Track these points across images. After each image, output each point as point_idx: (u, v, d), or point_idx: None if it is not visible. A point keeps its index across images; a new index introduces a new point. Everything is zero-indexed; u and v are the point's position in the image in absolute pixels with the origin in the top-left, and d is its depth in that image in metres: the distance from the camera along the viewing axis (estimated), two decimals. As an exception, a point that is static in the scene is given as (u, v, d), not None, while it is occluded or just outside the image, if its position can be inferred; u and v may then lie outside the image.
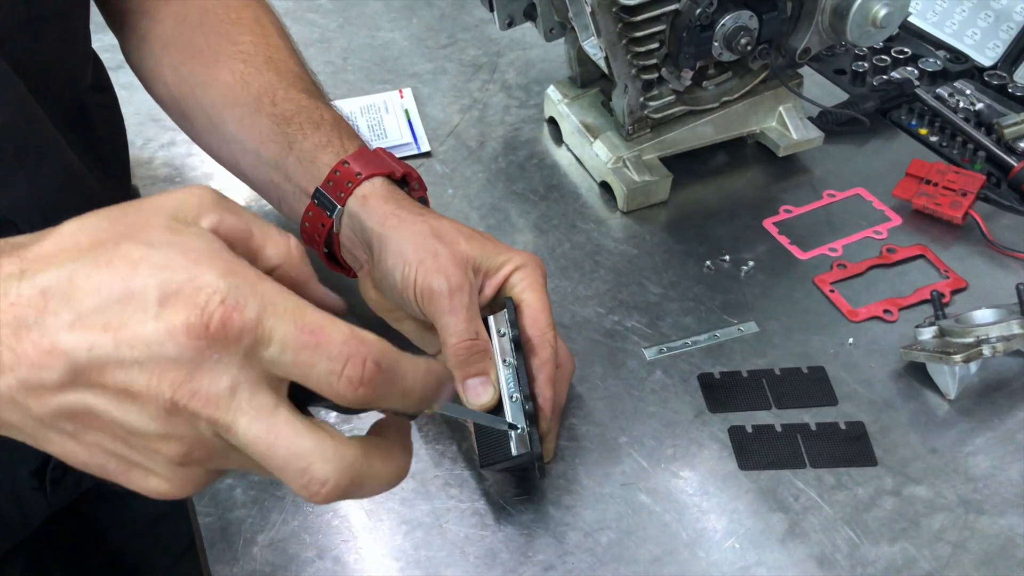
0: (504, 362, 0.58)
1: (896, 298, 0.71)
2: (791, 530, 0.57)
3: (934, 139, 0.86)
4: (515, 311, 0.58)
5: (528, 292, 0.58)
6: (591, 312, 0.71)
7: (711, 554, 0.56)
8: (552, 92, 0.88)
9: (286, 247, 0.40)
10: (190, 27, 0.70)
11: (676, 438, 0.63)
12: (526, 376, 0.56)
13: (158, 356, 0.34)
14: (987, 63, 0.93)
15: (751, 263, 0.75)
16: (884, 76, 0.92)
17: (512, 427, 0.55)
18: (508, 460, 0.56)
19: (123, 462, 0.37)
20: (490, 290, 0.59)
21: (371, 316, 0.65)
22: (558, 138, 0.88)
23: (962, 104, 0.87)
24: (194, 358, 0.34)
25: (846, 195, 0.81)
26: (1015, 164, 0.80)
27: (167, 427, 0.35)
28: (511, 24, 0.84)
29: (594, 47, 0.75)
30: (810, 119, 0.84)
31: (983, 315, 0.65)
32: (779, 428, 0.63)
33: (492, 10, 0.82)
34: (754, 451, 0.62)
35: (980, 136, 0.83)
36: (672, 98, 0.79)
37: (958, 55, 0.94)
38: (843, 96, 0.90)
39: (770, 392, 0.65)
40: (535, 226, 0.80)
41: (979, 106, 0.87)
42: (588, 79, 0.86)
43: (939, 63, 0.92)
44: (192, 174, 0.86)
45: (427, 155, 0.87)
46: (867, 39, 0.75)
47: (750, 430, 0.63)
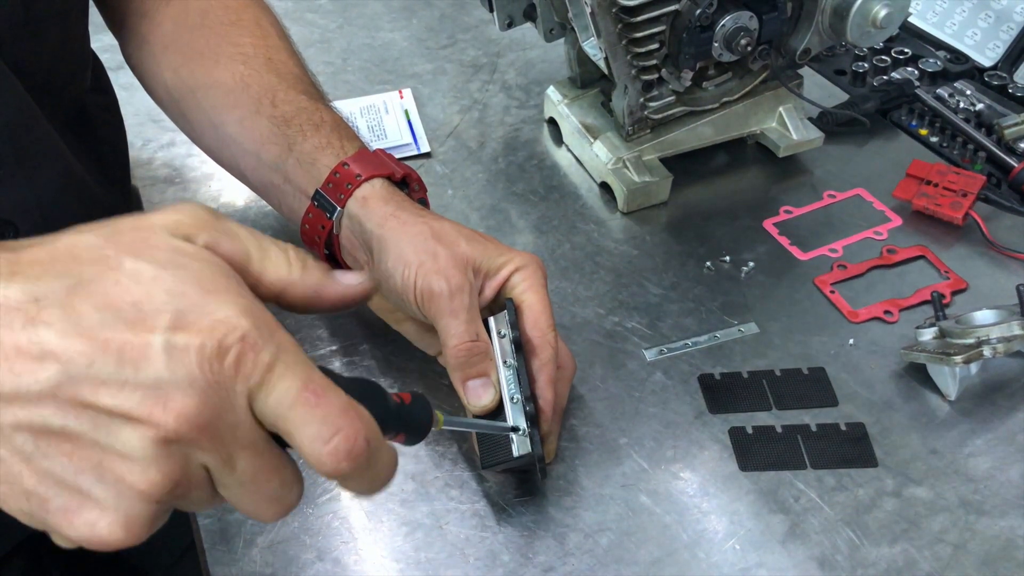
0: (505, 363, 0.57)
1: (896, 299, 0.71)
2: (792, 531, 0.57)
3: (934, 140, 0.86)
4: (515, 312, 0.58)
5: (528, 293, 0.58)
6: (591, 313, 0.71)
7: (711, 555, 0.56)
8: (552, 93, 0.88)
9: (286, 266, 0.39)
10: (190, 29, 0.70)
11: (676, 439, 0.63)
12: (527, 377, 0.56)
13: (165, 381, 0.32)
14: (987, 63, 0.93)
15: (751, 264, 0.75)
16: (884, 76, 0.92)
17: (513, 430, 0.55)
18: (509, 461, 0.56)
19: (76, 497, 0.33)
20: (490, 291, 0.59)
21: (372, 317, 0.65)
22: (558, 139, 0.88)
23: (962, 105, 0.87)
24: (204, 388, 0.33)
25: (846, 196, 0.81)
26: (1015, 165, 0.80)
27: (158, 454, 0.33)
28: (511, 25, 0.84)
29: (594, 48, 0.75)
30: (810, 120, 0.84)
31: (983, 316, 0.64)
32: (780, 429, 0.63)
33: (492, 11, 0.82)
34: (755, 452, 0.61)
35: (980, 137, 0.83)
36: (672, 99, 0.79)
37: (958, 55, 0.94)
38: (843, 96, 0.90)
39: (770, 393, 0.65)
40: (535, 227, 0.80)
41: (979, 107, 0.87)
42: (588, 79, 0.86)
43: (939, 63, 0.92)
44: (192, 175, 0.86)
45: (427, 156, 0.87)
46: (867, 40, 0.75)
47: (750, 431, 0.63)
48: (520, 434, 0.55)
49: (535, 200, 0.82)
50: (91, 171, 0.68)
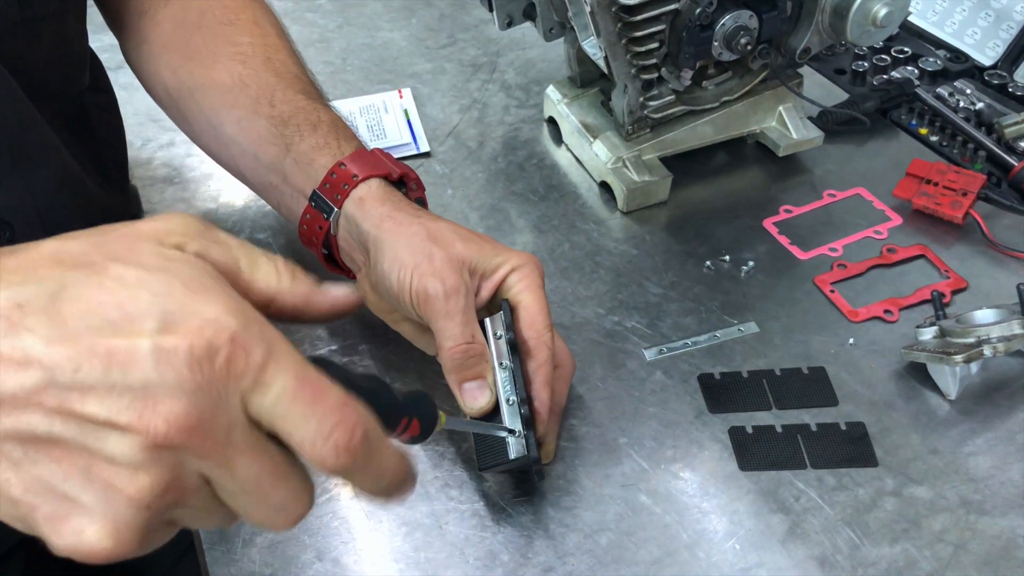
0: (501, 365, 0.57)
1: (896, 298, 0.71)
2: (792, 531, 0.57)
3: (934, 139, 0.85)
4: (511, 313, 0.58)
5: (525, 293, 0.58)
6: (591, 313, 0.71)
7: (711, 555, 0.56)
8: (552, 92, 0.88)
9: (275, 275, 0.39)
10: (189, 28, 0.70)
11: (676, 439, 0.63)
12: (523, 379, 0.56)
13: (154, 385, 0.32)
14: (987, 62, 0.93)
15: (751, 263, 0.75)
16: (884, 76, 0.92)
17: (510, 432, 0.55)
18: (506, 463, 0.56)
19: (64, 504, 0.33)
20: (487, 292, 0.59)
21: (371, 317, 0.65)
22: (558, 138, 0.88)
23: (962, 104, 0.87)
24: (194, 391, 0.32)
25: (846, 195, 0.81)
26: (1015, 164, 0.80)
27: (147, 460, 0.32)
28: (510, 24, 0.84)
29: (594, 47, 0.75)
30: (810, 119, 0.84)
31: (984, 315, 0.64)
32: (779, 429, 0.62)
33: (491, 10, 0.82)
34: (754, 452, 0.61)
35: (980, 136, 0.83)
36: (672, 98, 0.79)
37: (958, 54, 0.94)
38: (843, 96, 0.90)
39: (770, 393, 0.65)
40: (535, 226, 0.79)
41: (979, 106, 0.87)
42: (588, 79, 0.86)
43: (939, 63, 0.92)
44: (191, 174, 0.86)
45: (426, 155, 0.87)
46: (867, 39, 0.75)
47: (750, 431, 0.63)
48: (516, 436, 0.55)
49: (535, 200, 0.82)
50: (89, 171, 0.68)
